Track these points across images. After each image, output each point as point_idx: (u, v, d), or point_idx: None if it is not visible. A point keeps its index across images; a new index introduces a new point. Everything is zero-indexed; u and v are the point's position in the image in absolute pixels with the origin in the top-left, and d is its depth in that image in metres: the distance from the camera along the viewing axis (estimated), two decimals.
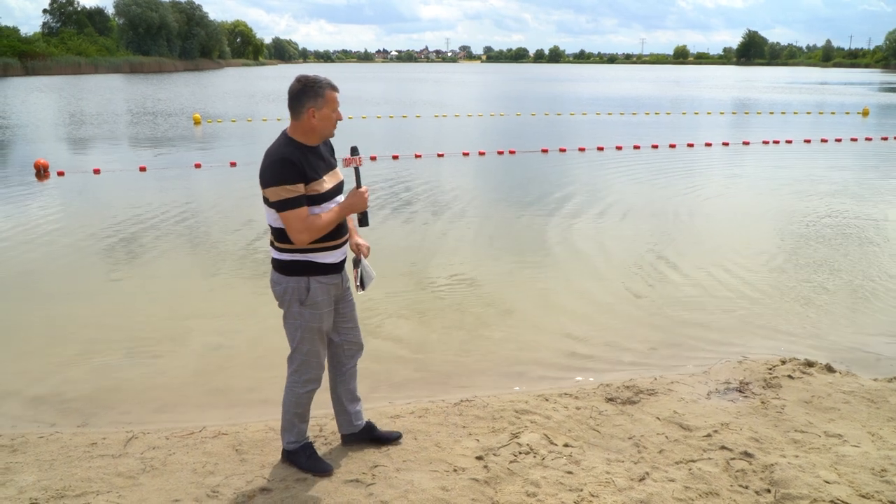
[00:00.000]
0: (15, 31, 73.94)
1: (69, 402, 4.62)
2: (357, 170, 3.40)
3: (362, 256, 3.58)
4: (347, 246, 3.55)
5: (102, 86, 52.26)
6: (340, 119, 3.33)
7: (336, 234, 3.38)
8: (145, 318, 6.13)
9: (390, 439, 3.90)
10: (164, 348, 5.50)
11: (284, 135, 3.30)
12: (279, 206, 3.17)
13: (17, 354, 5.40)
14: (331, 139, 3.51)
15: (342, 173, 3.49)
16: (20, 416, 4.44)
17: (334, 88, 3.28)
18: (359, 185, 3.36)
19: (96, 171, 13.75)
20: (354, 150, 3.43)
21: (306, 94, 3.21)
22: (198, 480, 3.55)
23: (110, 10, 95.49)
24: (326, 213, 3.27)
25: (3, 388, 4.80)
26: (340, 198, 3.43)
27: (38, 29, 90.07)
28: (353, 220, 3.67)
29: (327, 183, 3.31)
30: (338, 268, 3.45)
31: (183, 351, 5.46)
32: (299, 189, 3.17)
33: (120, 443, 3.96)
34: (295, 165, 3.16)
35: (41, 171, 13.42)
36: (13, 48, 67.72)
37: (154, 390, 4.80)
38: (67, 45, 79.48)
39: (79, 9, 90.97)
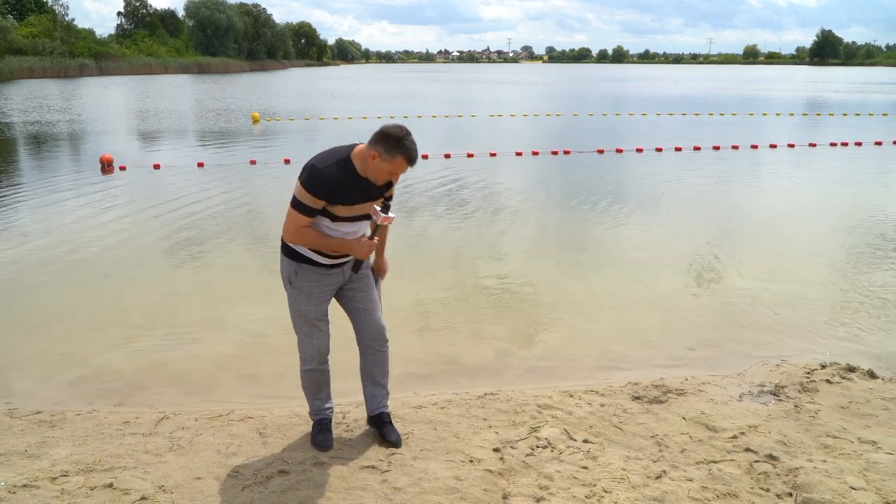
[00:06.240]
0: (91, 33, 76.86)
1: (109, 382, 4.80)
2: (378, 226, 3.44)
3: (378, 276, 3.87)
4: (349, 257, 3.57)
5: (170, 85, 53.97)
6: (394, 182, 3.41)
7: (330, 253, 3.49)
8: (189, 306, 6.33)
9: (388, 440, 3.78)
10: (203, 334, 5.67)
11: (349, 152, 3.33)
12: (293, 201, 3.33)
13: (65, 336, 5.63)
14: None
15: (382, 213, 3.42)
16: (62, 394, 4.64)
17: (408, 160, 3.25)
18: (371, 237, 3.43)
19: (156, 167, 14.23)
20: (386, 209, 3.41)
21: (387, 142, 3.22)
22: (220, 461, 3.65)
23: (181, 13, 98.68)
24: (328, 237, 3.38)
25: (49, 368, 5.02)
26: (358, 226, 3.47)
27: (112, 31, 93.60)
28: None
29: (355, 210, 3.36)
30: (331, 265, 3.54)
31: (221, 337, 5.61)
32: (317, 203, 3.27)
33: (151, 422, 4.11)
34: (328, 185, 3.23)
35: (105, 166, 13.97)
36: (89, 49, 70.55)
37: (189, 374, 4.95)
38: (139, 46, 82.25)
39: (151, 11, 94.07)
